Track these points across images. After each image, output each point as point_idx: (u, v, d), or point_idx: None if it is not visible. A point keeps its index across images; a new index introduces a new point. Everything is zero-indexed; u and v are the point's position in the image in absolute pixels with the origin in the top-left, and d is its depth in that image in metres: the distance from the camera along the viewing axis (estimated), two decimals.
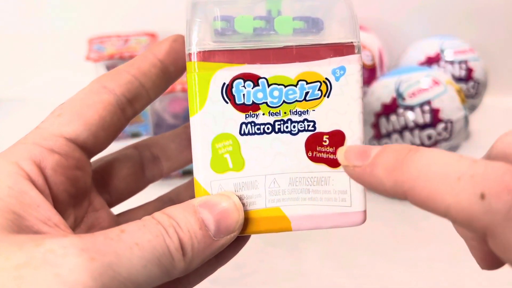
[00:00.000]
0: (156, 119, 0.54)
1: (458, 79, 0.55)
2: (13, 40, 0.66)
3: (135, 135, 0.59)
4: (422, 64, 0.57)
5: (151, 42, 0.59)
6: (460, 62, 0.56)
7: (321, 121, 0.20)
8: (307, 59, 0.19)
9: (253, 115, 0.19)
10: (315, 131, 0.20)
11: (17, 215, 0.16)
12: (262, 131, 0.20)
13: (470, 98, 0.56)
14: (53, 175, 0.18)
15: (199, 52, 0.19)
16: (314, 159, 0.20)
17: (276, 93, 0.19)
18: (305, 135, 0.20)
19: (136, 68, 0.20)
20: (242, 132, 0.19)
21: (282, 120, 0.20)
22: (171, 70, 0.21)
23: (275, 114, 0.20)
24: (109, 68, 0.57)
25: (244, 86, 0.19)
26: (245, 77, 0.19)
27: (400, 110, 0.46)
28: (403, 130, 0.46)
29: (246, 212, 0.20)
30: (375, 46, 0.58)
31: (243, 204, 0.20)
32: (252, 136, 0.20)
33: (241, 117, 0.19)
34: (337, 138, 0.20)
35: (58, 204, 0.19)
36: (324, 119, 0.20)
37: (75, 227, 0.20)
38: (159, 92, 0.21)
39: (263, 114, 0.19)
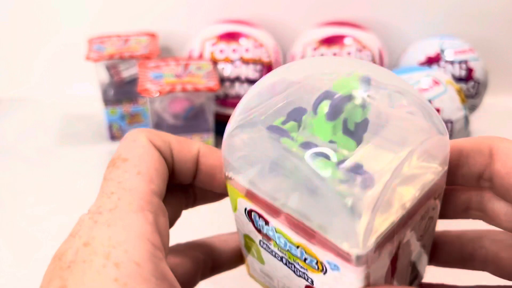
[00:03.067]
0: (156, 119, 0.54)
1: (458, 79, 0.55)
2: (13, 40, 0.66)
3: None
4: (422, 64, 0.57)
5: (151, 42, 0.59)
6: (460, 62, 0.56)
7: (318, 284, 0.19)
8: (306, 237, 0.18)
9: (267, 242, 0.20)
10: (313, 286, 0.19)
11: None
12: (273, 255, 0.20)
13: (470, 98, 0.56)
14: (165, 240, 0.18)
15: (227, 176, 0.20)
16: None
17: (282, 241, 0.19)
18: (304, 283, 0.19)
19: (179, 148, 0.21)
20: (261, 244, 0.20)
21: (288, 261, 0.19)
22: (201, 173, 0.22)
23: (283, 253, 0.19)
24: (109, 68, 0.57)
25: (258, 220, 0.19)
26: (259, 215, 0.19)
27: None
28: None
29: None
30: (375, 46, 0.58)
31: None
32: (267, 252, 0.20)
33: (258, 236, 0.20)
34: None
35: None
36: (320, 285, 0.19)
37: None
38: (185, 171, 0.22)
39: (273, 246, 0.19)
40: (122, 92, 0.57)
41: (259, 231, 0.20)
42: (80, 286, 0.16)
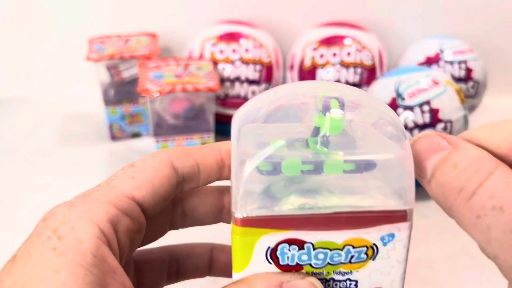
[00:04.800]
0: (156, 119, 0.54)
1: (458, 79, 0.55)
2: (14, 40, 0.67)
3: (135, 135, 0.59)
4: (422, 64, 0.57)
5: (151, 42, 0.59)
6: (459, 62, 0.56)
7: (364, 280, 0.20)
8: (356, 226, 0.19)
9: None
10: None
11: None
12: None
13: (470, 98, 0.57)
14: (122, 238, 0.19)
15: (243, 219, 0.18)
16: None
17: (321, 256, 0.19)
18: None
19: (202, 157, 0.22)
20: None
21: (325, 278, 0.20)
22: (227, 171, 0.22)
23: (318, 274, 0.19)
24: (109, 68, 0.57)
25: (289, 249, 0.19)
26: (291, 242, 0.19)
27: (400, 110, 0.46)
28: None
29: None
30: (375, 47, 0.58)
31: None
32: None
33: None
34: None
35: (123, 266, 0.20)
36: (366, 279, 0.20)
37: None
38: (209, 182, 0.23)
39: (306, 272, 0.19)
40: (122, 92, 0.57)
41: (285, 267, 0.19)
42: (25, 254, 0.17)
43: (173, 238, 0.25)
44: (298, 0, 0.65)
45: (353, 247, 0.19)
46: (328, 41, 0.57)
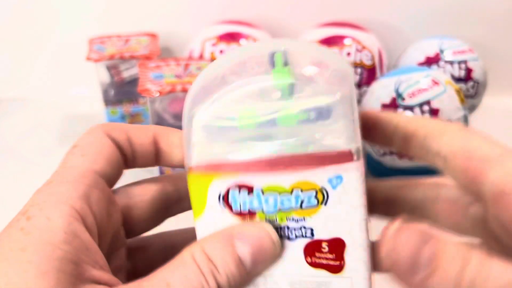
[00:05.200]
0: (156, 119, 0.54)
1: (458, 79, 0.55)
2: (14, 40, 0.67)
3: None
4: (422, 64, 0.57)
5: (151, 42, 0.59)
6: (459, 62, 0.56)
7: (319, 228, 0.19)
8: (301, 168, 0.19)
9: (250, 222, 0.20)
10: (313, 238, 0.20)
11: (73, 264, 0.17)
12: None
13: (470, 98, 0.57)
14: (97, 211, 0.19)
15: (194, 167, 0.19)
16: (313, 264, 0.20)
17: (271, 201, 0.19)
18: (303, 241, 0.20)
19: (133, 130, 0.22)
20: None
21: (279, 226, 0.20)
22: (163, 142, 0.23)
23: (272, 221, 0.20)
24: (109, 68, 0.57)
25: (239, 194, 0.19)
26: (240, 186, 0.19)
27: (400, 110, 0.46)
28: None
29: None
30: (375, 47, 0.58)
31: None
32: None
33: (238, 223, 0.20)
34: (337, 245, 0.19)
35: (102, 242, 0.20)
36: (322, 226, 0.19)
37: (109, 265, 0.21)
38: (148, 147, 0.23)
39: (260, 220, 0.20)
40: (122, 92, 0.58)
41: (239, 213, 0.20)
42: None
43: (169, 224, 0.25)
44: (298, 0, 0.65)
45: (302, 191, 0.19)
46: (328, 41, 0.57)
